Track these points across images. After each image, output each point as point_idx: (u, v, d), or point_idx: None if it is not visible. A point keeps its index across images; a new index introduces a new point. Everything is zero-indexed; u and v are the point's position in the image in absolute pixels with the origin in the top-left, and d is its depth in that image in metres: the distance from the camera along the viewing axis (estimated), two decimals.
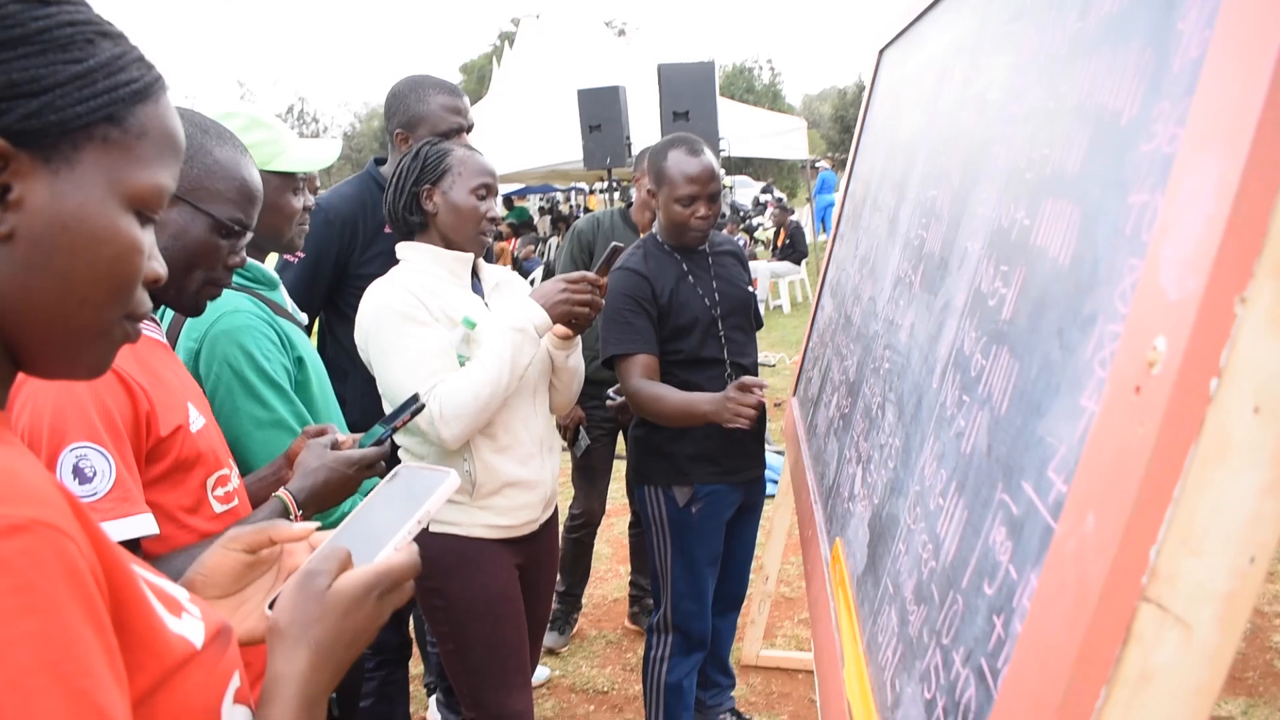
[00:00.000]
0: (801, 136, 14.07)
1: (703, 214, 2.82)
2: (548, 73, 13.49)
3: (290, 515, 1.63)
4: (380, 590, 0.93)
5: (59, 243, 0.74)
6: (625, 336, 2.83)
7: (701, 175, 2.80)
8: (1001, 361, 1.17)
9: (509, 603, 2.45)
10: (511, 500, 2.39)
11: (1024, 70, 1.38)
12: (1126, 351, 0.80)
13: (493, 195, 2.41)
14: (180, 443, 1.48)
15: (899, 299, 1.95)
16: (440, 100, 2.89)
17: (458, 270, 2.39)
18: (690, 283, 2.90)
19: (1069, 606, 0.80)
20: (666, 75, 6.62)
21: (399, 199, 2.39)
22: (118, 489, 1.35)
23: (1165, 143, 0.84)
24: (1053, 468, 0.93)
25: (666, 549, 3.01)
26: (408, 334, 2.24)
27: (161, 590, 0.81)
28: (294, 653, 0.88)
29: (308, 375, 2.07)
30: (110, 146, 0.77)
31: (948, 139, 1.82)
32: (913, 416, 1.59)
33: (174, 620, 0.79)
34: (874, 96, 3.26)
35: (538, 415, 2.48)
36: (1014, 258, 1.22)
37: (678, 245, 2.93)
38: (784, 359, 9.98)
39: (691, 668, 3.11)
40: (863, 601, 1.66)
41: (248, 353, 1.88)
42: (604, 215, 4.08)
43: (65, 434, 1.33)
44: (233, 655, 0.87)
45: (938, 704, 1.11)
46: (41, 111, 0.72)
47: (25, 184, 0.72)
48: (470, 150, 2.42)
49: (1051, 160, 1.16)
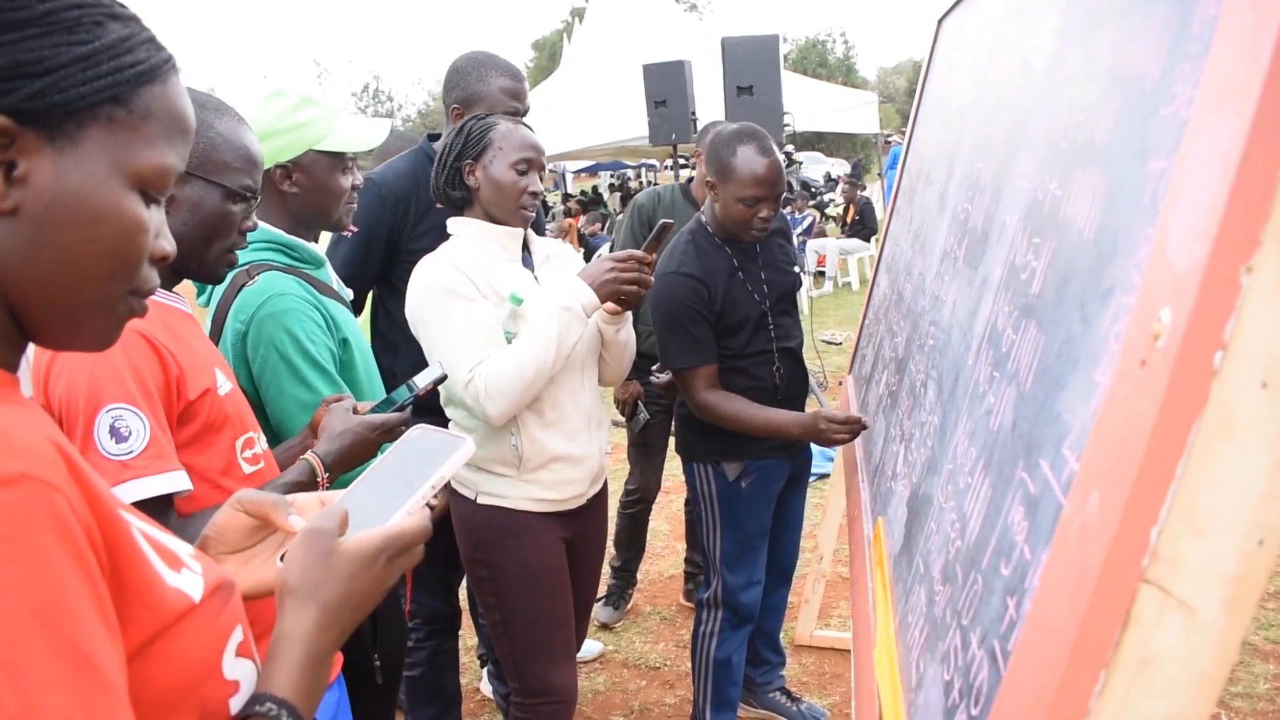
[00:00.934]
0: (873, 110, 13.89)
1: (765, 215, 2.74)
2: (617, 49, 13.46)
3: (317, 478, 1.67)
4: (389, 554, 0.94)
5: (62, 219, 0.76)
6: (689, 349, 2.78)
7: (770, 177, 2.70)
8: (1029, 336, 1.14)
9: (554, 575, 2.45)
10: (558, 474, 2.40)
11: (1068, 34, 1.33)
12: (1135, 324, 0.77)
13: (535, 169, 2.39)
14: (209, 405, 1.53)
15: (944, 274, 1.90)
16: (500, 83, 2.88)
17: (508, 245, 2.39)
18: (740, 279, 2.84)
19: (1071, 588, 0.77)
20: (730, 49, 6.55)
21: (442, 174, 2.40)
22: (152, 447, 1.41)
23: (1183, 106, 0.80)
24: (1067, 445, 0.90)
25: (716, 524, 3.00)
26: (455, 310, 2.25)
27: (160, 545, 0.82)
28: (301, 611, 0.89)
29: (352, 355, 2.10)
30: (115, 126, 0.78)
31: (994, 108, 1.77)
32: (950, 394, 1.55)
33: (172, 575, 0.80)
34: (931, 68, 3.19)
35: (585, 390, 2.47)
36: (1045, 230, 1.18)
37: (728, 237, 2.87)
38: (850, 337, 9.85)
39: (741, 642, 3.10)
40: (898, 581, 1.63)
41: (293, 335, 1.92)
42: (665, 190, 4.05)
43: (101, 396, 1.39)
44: (234, 609, 0.89)
45: (954, 686, 1.08)
46: (45, 91, 0.74)
47: (30, 161, 0.74)
48: (515, 124, 2.41)
49: (1084, 128, 1.12)
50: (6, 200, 0.74)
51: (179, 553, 0.85)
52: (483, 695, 3.69)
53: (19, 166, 0.74)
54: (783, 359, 2.92)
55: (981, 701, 0.96)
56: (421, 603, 3.00)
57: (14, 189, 0.74)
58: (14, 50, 0.73)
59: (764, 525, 3.02)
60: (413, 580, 2.86)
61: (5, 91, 0.72)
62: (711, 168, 2.77)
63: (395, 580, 0.96)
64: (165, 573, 0.79)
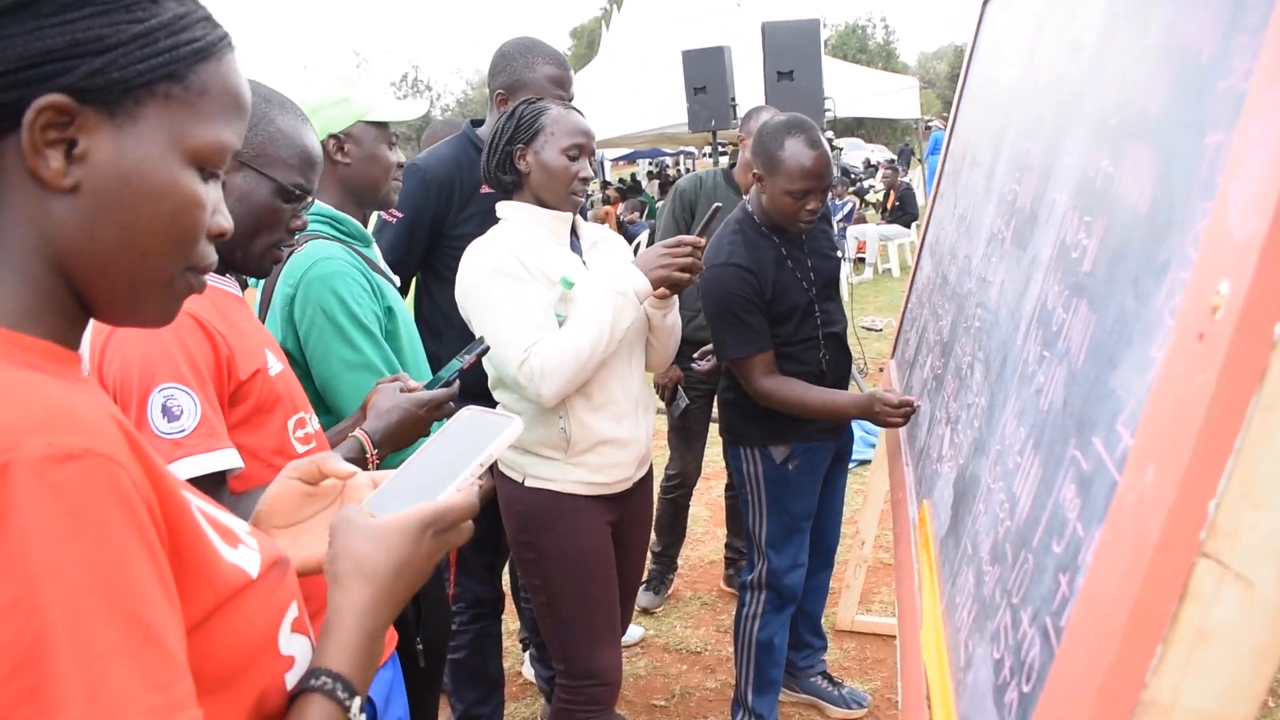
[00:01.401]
0: (914, 95, 13.77)
1: (813, 207, 2.73)
2: (655, 35, 13.41)
3: (366, 454, 1.69)
4: (436, 528, 0.94)
5: (121, 196, 0.77)
6: (745, 338, 2.79)
7: (818, 169, 2.69)
8: (1080, 314, 1.13)
9: (600, 558, 2.46)
10: (605, 458, 2.40)
11: (1118, 10, 1.32)
12: (1192, 297, 0.77)
13: (586, 155, 2.39)
14: (260, 386, 1.55)
15: (991, 255, 1.89)
16: (547, 71, 2.88)
17: (557, 229, 2.40)
18: (789, 267, 2.85)
19: (1126, 563, 0.77)
20: (770, 33, 6.51)
21: (493, 158, 2.40)
22: (203, 426, 1.43)
23: (1241, 79, 0.80)
24: (1121, 421, 0.90)
25: (762, 506, 3.01)
26: (508, 291, 2.26)
27: (218, 522, 0.83)
28: (351, 585, 0.89)
29: (397, 326, 2.13)
30: (172, 103, 0.79)
31: (1043, 88, 1.76)
32: (998, 375, 1.55)
33: (230, 550, 0.81)
34: (976, 51, 3.16)
35: (633, 375, 2.47)
36: (1096, 207, 1.18)
37: (774, 227, 2.86)
38: (891, 323, 9.80)
39: (783, 624, 3.11)
40: (944, 563, 1.63)
41: (339, 297, 1.95)
42: (707, 175, 4.05)
43: (154, 376, 1.41)
44: (290, 585, 0.90)
45: (1005, 664, 1.08)
46: (105, 69, 0.74)
47: (90, 139, 0.75)
48: (567, 110, 2.41)
49: (1135, 104, 1.11)
50: (68, 177, 0.74)
51: (236, 529, 0.86)
52: (524, 679, 3.72)
53: (79, 144, 0.74)
54: (828, 344, 2.92)
55: (1033, 678, 0.96)
56: (466, 586, 3.02)
57: (74, 166, 0.75)
58: (73, 29, 0.73)
59: (810, 508, 3.03)
60: (457, 564, 2.89)
61: (65, 70, 0.73)
62: (759, 159, 2.76)
63: (442, 555, 0.96)
64: (223, 549, 0.80)
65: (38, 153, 0.73)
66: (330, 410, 2.00)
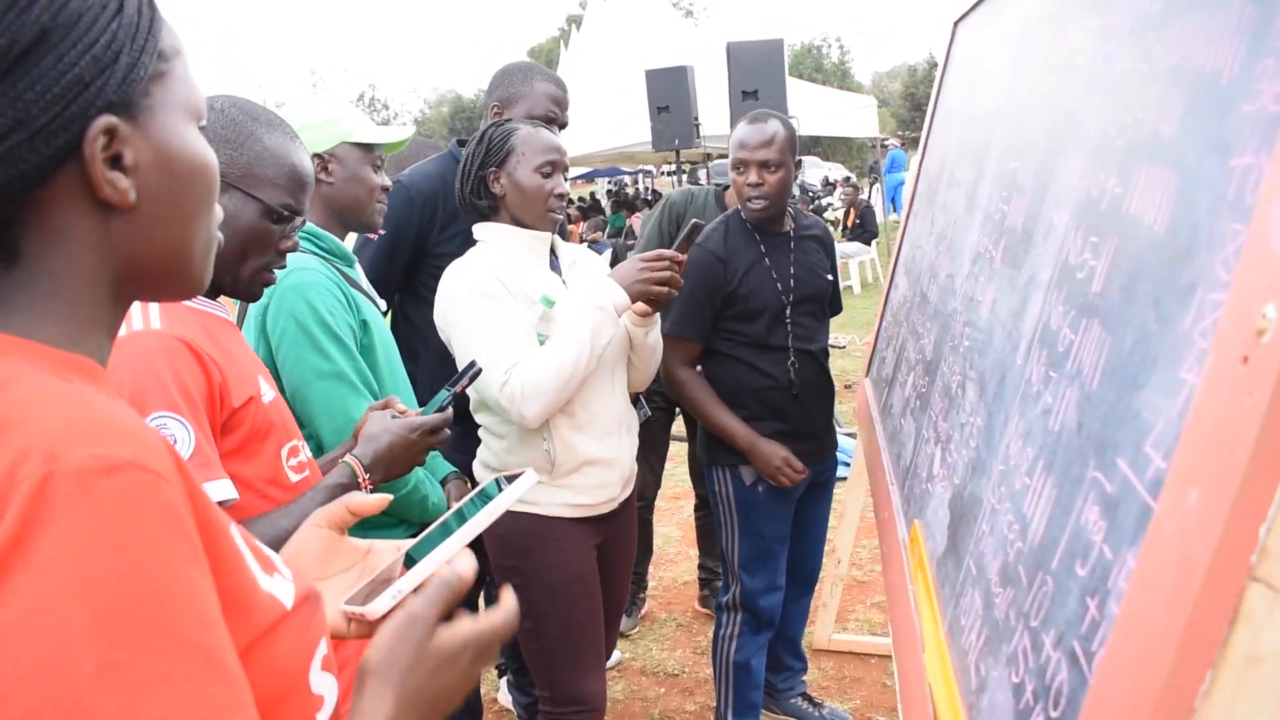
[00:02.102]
0: (872, 115, 13.89)
1: (753, 180, 2.79)
2: (615, 55, 13.45)
3: (358, 480, 1.66)
4: (476, 650, 0.90)
5: (170, 186, 0.78)
6: (690, 320, 2.86)
7: (749, 140, 2.77)
8: (1093, 335, 1.13)
9: (586, 583, 2.45)
10: (590, 479, 2.40)
11: (1114, 34, 1.33)
12: (1231, 320, 0.77)
13: (559, 171, 2.39)
14: (253, 413, 1.52)
15: (979, 275, 1.90)
16: (543, 87, 2.91)
17: (536, 249, 2.40)
18: (765, 266, 2.88)
19: (1171, 587, 0.76)
20: (735, 53, 6.54)
21: (466, 184, 2.39)
22: (197, 455, 1.40)
23: (1270, 101, 0.80)
24: (1150, 443, 0.90)
25: (734, 528, 3.01)
26: (488, 312, 2.24)
27: (256, 548, 0.81)
28: (382, 691, 0.85)
29: (373, 340, 2.12)
30: (162, 78, 0.78)
31: (1030, 109, 1.77)
32: (995, 394, 1.55)
33: (266, 579, 0.79)
34: (948, 70, 3.19)
35: (616, 393, 2.47)
36: (1104, 228, 1.18)
37: (759, 224, 2.90)
38: (854, 340, 9.87)
39: (760, 646, 3.10)
40: (943, 584, 1.63)
41: (312, 306, 1.94)
42: (700, 192, 4.05)
43: (145, 404, 1.37)
44: (320, 621, 0.87)
45: (1026, 687, 1.07)
46: (127, 76, 0.74)
47: (131, 146, 0.75)
48: (535, 128, 2.41)
49: (1145, 125, 1.11)
50: (131, 193, 0.74)
51: (273, 558, 0.84)
52: (501, 706, 3.68)
53: (126, 156, 0.74)
54: (802, 360, 2.93)
55: (1063, 703, 0.96)
56: None
57: (129, 177, 0.74)
58: (90, 49, 0.71)
59: (782, 531, 3.03)
60: None
61: (100, 89, 0.72)
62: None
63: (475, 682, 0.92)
64: (260, 576, 0.78)
65: (106, 180, 0.73)
66: (300, 421, 1.97)
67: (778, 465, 2.84)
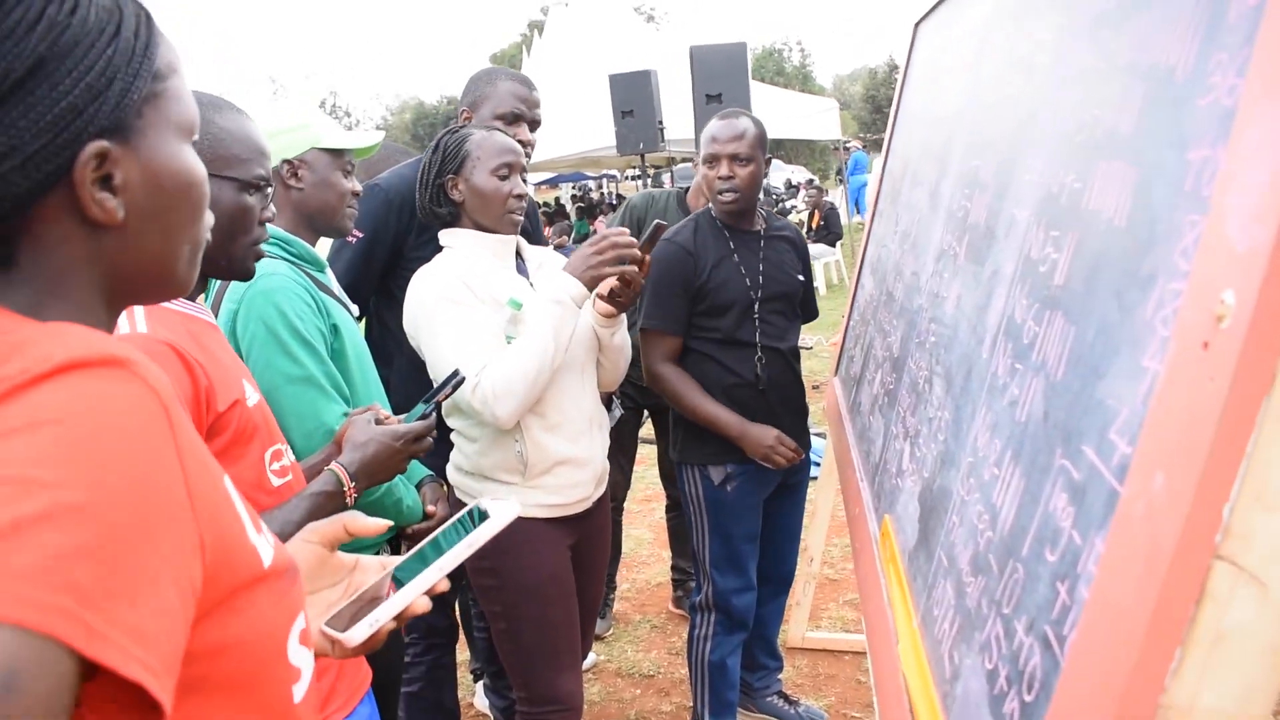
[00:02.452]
0: (834, 117, 13.98)
1: (724, 174, 2.81)
2: (578, 60, 13.47)
3: (344, 487, 1.67)
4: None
5: (159, 204, 0.80)
6: (664, 314, 2.87)
7: (721, 134, 2.81)
8: (1056, 327, 1.15)
9: (561, 583, 2.45)
10: (562, 479, 2.40)
11: (1072, 32, 1.36)
12: (1192, 307, 0.79)
13: (516, 172, 2.40)
14: (238, 417, 1.52)
15: (943, 271, 1.93)
16: (508, 85, 2.96)
17: (501, 252, 2.41)
18: (735, 262, 2.90)
19: (1139, 569, 0.78)
20: (699, 57, 6.58)
21: (426, 193, 2.41)
22: None
23: (1224, 95, 0.82)
24: (1115, 430, 0.92)
25: (704, 528, 3.02)
26: (456, 317, 2.25)
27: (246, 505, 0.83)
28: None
29: (343, 344, 2.11)
30: (156, 99, 0.80)
31: (991, 108, 1.80)
32: (962, 388, 1.57)
33: (254, 533, 0.81)
34: (910, 71, 3.23)
35: (586, 393, 2.48)
36: (1064, 222, 1.20)
37: (729, 221, 2.93)
38: (821, 341, 9.92)
39: (735, 646, 3.12)
40: (915, 576, 1.65)
41: (281, 310, 1.94)
42: (660, 194, 4.09)
43: None
44: (299, 594, 0.89)
45: (1000, 673, 1.09)
46: (119, 101, 0.76)
47: (121, 168, 0.77)
48: (490, 131, 2.42)
49: (1104, 121, 1.14)
50: (119, 211, 0.76)
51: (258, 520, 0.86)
52: (477, 710, 3.68)
53: (116, 177, 0.76)
54: (771, 357, 2.95)
55: (1036, 687, 0.98)
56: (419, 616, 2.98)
57: (118, 198, 0.77)
58: (84, 77, 0.73)
59: (751, 530, 3.04)
60: None
61: (93, 115, 0.74)
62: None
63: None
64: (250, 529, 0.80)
65: (94, 202, 0.75)
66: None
67: (770, 445, 2.84)
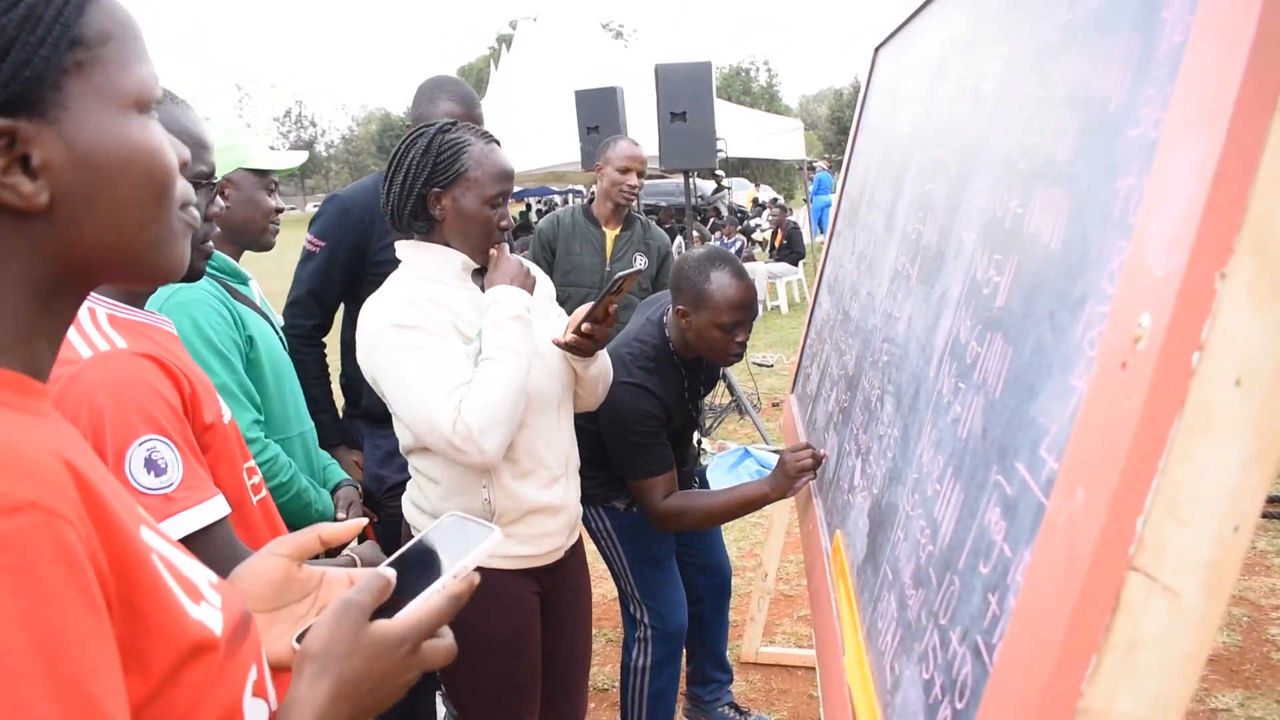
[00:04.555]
0: (799, 137, 14.13)
1: (742, 339, 2.68)
2: (545, 75, 13.53)
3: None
4: (413, 641, 0.91)
5: (95, 182, 0.73)
6: (654, 459, 2.73)
7: (746, 299, 2.63)
8: (996, 347, 1.19)
9: (527, 638, 2.29)
10: (535, 528, 2.23)
11: (1018, 61, 1.40)
12: (1114, 329, 0.82)
13: (507, 200, 2.18)
14: (220, 432, 1.52)
15: (897, 292, 1.97)
16: (446, 106, 2.96)
17: (465, 275, 2.18)
18: (684, 397, 2.88)
19: (1060, 579, 0.82)
20: (664, 76, 6.63)
21: (404, 198, 2.11)
22: (189, 476, 1.40)
23: (1150, 127, 0.86)
24: (1044, 447, 0.95)
25: (622, 559, 2.98)
26: (419, 348, 2.02)
27: (180, 574, 0.79)
28: (318, 681, 0.86)
29: (259, 355, 2.17)
30: (86, 68, 0.73)
31: (944, 133, 1.85)
32: (910, 406, 1.61)
33: (193, 607, 0.77)
34: (870, 95, 3.28)
35: (562, 433, 2.30)
36: (1007, 246, 1.24)
37: (687, 359, 2.83)
38: (782, 359, 9.99)
39: (674, 674, 3.08)
40: (863, 590, 1.68)
41: (195, 322, 2.00)
42: (564, 213, 4.20)
43: (132, 428, 1.36)
44: (253, 645, 0.86)
45: (935, 683, 1.13)
46: (15, 74, 0.69)
47: (39, 146, 0.70)
48: (489, 146, 2.15)
49: (1043, 149, 1.18)
50: (40, 195, 0.70)
51: (198, 583, 0.82)
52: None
53: (34, 157, 0.70)
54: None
55: (967, 695, 1.01)
56: None
57: (40, 180, 0.70)
58: None
59: (669, 545, 3.03)
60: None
61: None
62: (684, 296, 2.68)
63: (417, 674, 0.93)
64: (188, 604, 0.76)
65: (5, 186, 0.69)
66: None
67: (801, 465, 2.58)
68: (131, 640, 0.69)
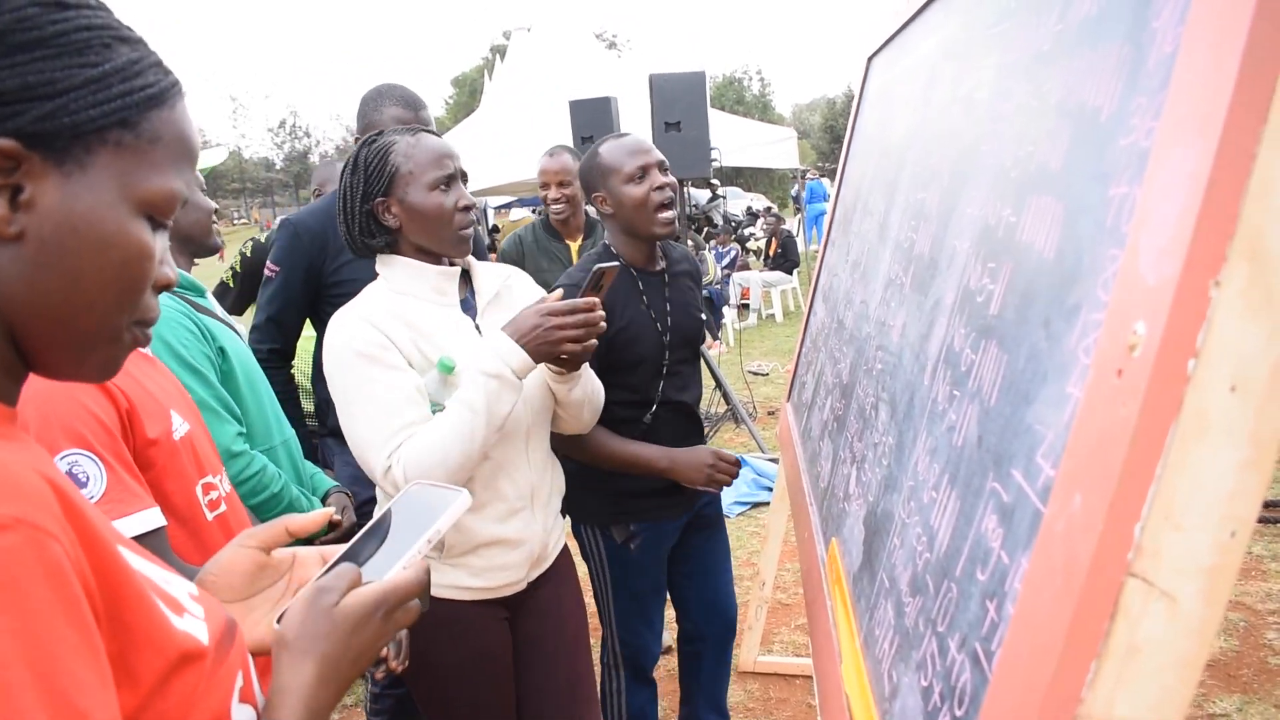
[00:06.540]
0: (792, 146, 14.15)
1: (660, 184, 2.56)
2: (539, 85, 13.57)
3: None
4: (387, 608, 0.93)
5: (68, 245, 0.74)
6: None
7: (637, 145, 2.59)
8: (990, 355, 1.20)
9: (496, 662, 2.21)
10: (488, 560, 2.12)
11: (1010, 70, 1.41)
12: (1108, 337, 0.83)
13: (458, 179, 2.06)
14: (166, 449, 1.51)
15: (890, 300, 1.97)
16: (393, 112, 2.91)
17: (442, 287, 2.08)
18: (644, 309, 2.67)
19: (1058, 585, 0.82)
20: (658, 85, 6.65)
21: (353, 221, 2.05)
22: (114, 489, 1.39)
23: (1142, 136, 0.87)
24: (1041, 454, 0.96)
25: (607, 583, 2.87)
26: (372, 379, 1.94)
27: (160, 589, 0.80)
28: (301, 666, 0.88)
29: (232, 367, 2.16)
30: (123, 151, 0.77)
31: (937, 141, 1.85)
32: (905, 414, 1.61)
33: (177, 619, 0.78)
34: (863, 103, 3.30)
35: (530, 465, 2.17)
36: (1001, 254, 1.25)
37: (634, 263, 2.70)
38: (777, 367, 10.00)
39: (651, 694, 3.03)
40: (859, 598, 1.68)
41: (165, 340, 1.98)
42: (524, 230, 4.19)
43: (55, 442, 1.36)
44: (238, 653, 0.88)
45: (934, 690, 1.13)
46: (55, 114, 0.72)
47: (37, 185, 0.73)
48: (415, 135, 2.06)
49: (1036, 158, 1.19)
50: (12, 225, 0.72)
51: (179, 596, 0.83)
52: None
53: (25, 190, 0.72)
54: (673, 412, 2.78)
55: (966, 702, 1.01)
56: None
57: (20, 214, 0.72)
58: (25, 72, 0.71)
59: (656, 582, 2.92)
60: None
61: (14, 114, 0.71)
62: (594, 186, 2.64)
63: (393, 635, 0.95)
64: (172, 617, 0.78)
65: None
66: None
67: (710, 467, 2.61)
68: (120, 653, 0.70)
